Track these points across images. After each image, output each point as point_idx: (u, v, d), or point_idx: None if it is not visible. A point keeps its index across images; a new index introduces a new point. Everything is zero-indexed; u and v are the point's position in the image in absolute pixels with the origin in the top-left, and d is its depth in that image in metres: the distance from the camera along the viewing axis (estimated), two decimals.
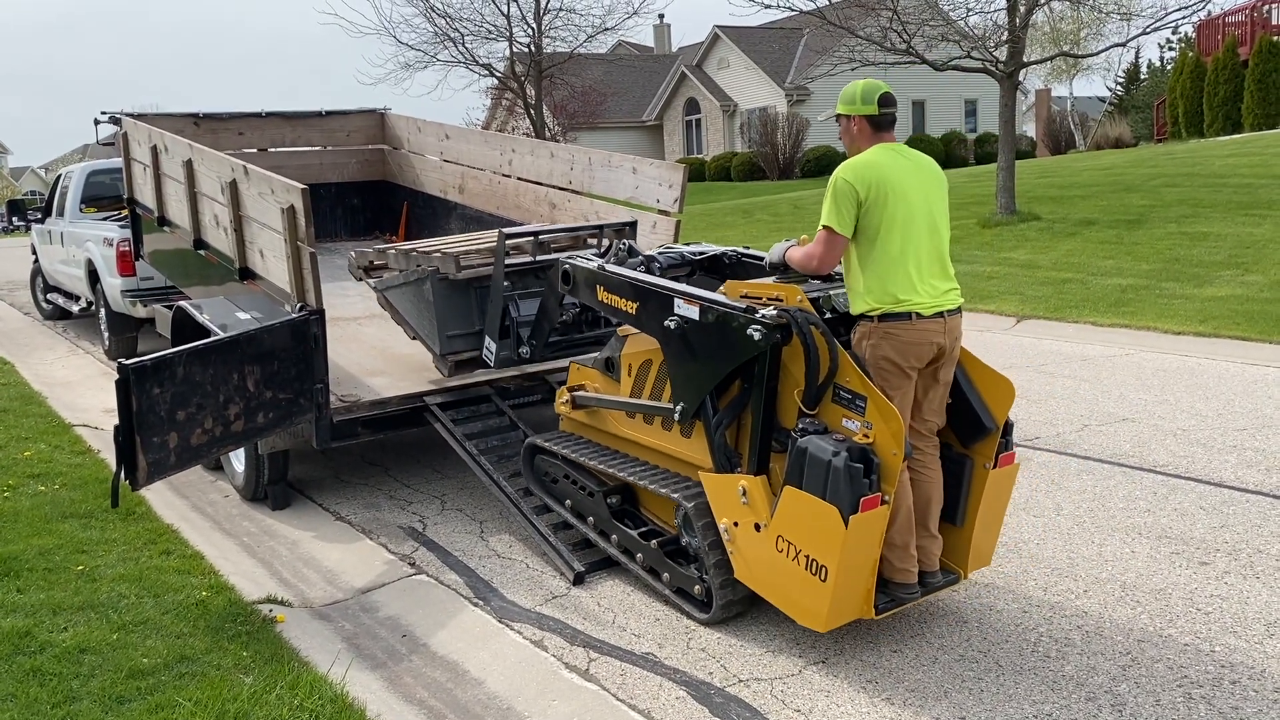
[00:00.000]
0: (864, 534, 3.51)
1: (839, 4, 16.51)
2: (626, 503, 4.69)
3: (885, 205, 3.75)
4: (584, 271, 4.77)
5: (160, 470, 4.46)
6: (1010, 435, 3.98)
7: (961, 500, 4.02)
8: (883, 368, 3.77)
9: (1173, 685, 3.55)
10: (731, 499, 3.85)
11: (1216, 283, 10.78)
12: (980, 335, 10.05)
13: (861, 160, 3.83)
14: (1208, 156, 18.20)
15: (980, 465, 3.98)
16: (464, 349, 5.61)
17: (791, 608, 3.76)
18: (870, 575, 3.67)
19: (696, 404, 4.00)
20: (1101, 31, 32.23)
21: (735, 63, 38.68)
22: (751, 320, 3.72)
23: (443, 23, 24.71)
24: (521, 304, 5.43)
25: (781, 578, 3.72)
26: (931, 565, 3.96)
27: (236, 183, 6.03)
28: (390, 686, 3.87)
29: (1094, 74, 48.27)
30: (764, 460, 3.83)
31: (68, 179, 11.93)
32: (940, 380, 3.91)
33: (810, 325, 3.65)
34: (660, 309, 4.16)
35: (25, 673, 3.76)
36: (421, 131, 9.63)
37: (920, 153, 3.99)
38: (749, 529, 3.80)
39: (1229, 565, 4.47)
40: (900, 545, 3.80)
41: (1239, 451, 5.98)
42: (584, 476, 4.83)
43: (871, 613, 3.74)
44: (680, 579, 4.26)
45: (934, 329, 3.78)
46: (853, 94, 3.92)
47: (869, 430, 3.55)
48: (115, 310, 10.16)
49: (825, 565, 3.53)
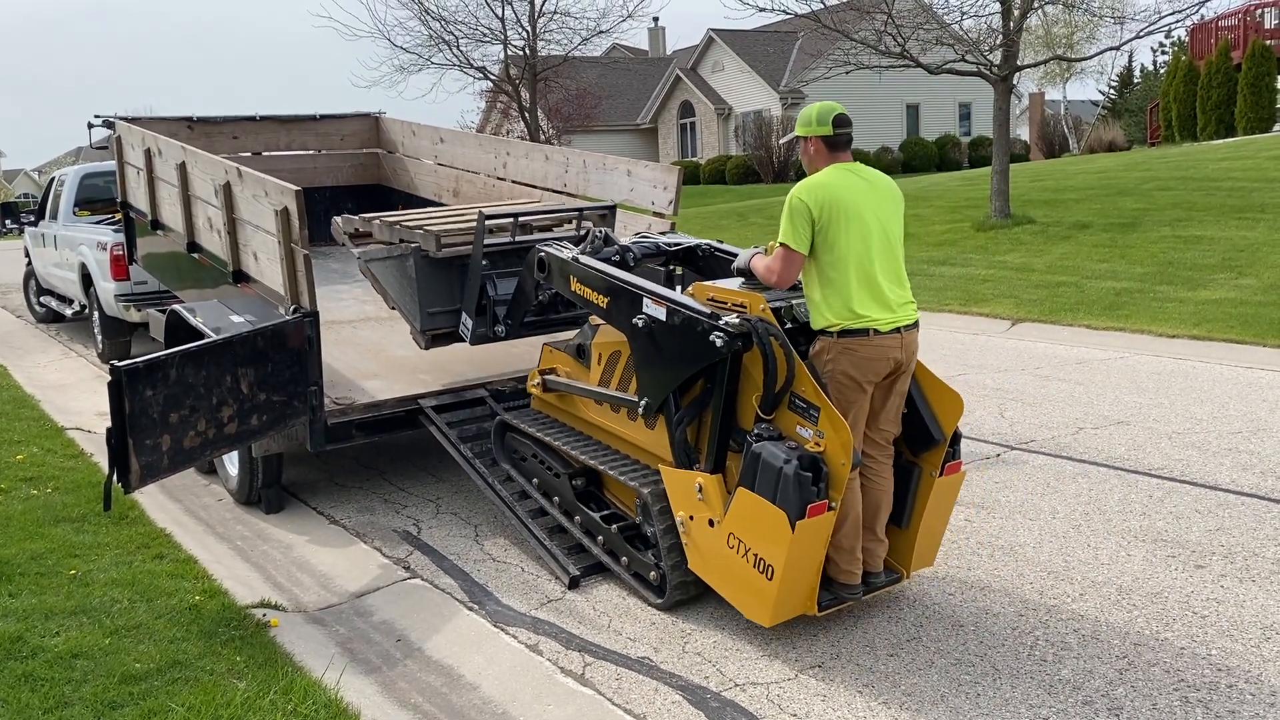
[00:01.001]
0: (810, 538, 3.66)
1: (834, 7, 16.54)
2: (591, 485, 4.81)
3: (840, 223, 3.86)
4: (558, 261, 4.86)
5: (153, 473, 4.43)
6: (958, 446, 4.13)
7: (908, 504, 4.17)
8: (840, 381, 3.88)
9: (1169, 689, 3.54)
10: (688, 494, 4.01)
11: (1210, 286, 10.80)
12: (975, 338, 10.06)
13: (816, 180, 3.94)
14: (1201, 160, 18.25)
15: (928, 473, 4.12)
16: (443, 325, 5.70)
17: (739, 601, 3.93)
18: (815, 575, 3.83)
19: (660, 401, 4.15)
20: (1095, 35, 32.33)
21: (730, 66, 38.72)
22: (715, 327, 3.84)
23: (437, 26, 24.69)
24: (499, 283, 5.52)
25: (731, 572, 3.89)
26: (876, 566, 4.10)
27: (230, 185, 6.01)
28: (385, 691, 3.85)
29: (1087, 78, 48.35)
30: (721, 459, 3.97)
31: (61, 182, 11.90)
32: (896, 392, 4.04)
33: (770, 336, 3.78)
34: (630, 306, 4.28)
35: (17, 678, 3.74)
36: (416, 135, 9.61)
37: (877, 171, 4.10)
38: (703, 524, 3.96)
39: (1225, 569, 4.47)
40: (847, 548, 3.94)
41: (1234, 455, 5.99)
42: (551, 457, 4.95)
43: (815, 609, 3.91)
44: (638, 564, 4.41)
45: (891, 345, 3.91)
46: (809, 116, 4.04)
47: (820, 439, 3.69)
48: (108, 314, 10.13)
49: (772, 565, 3.70)
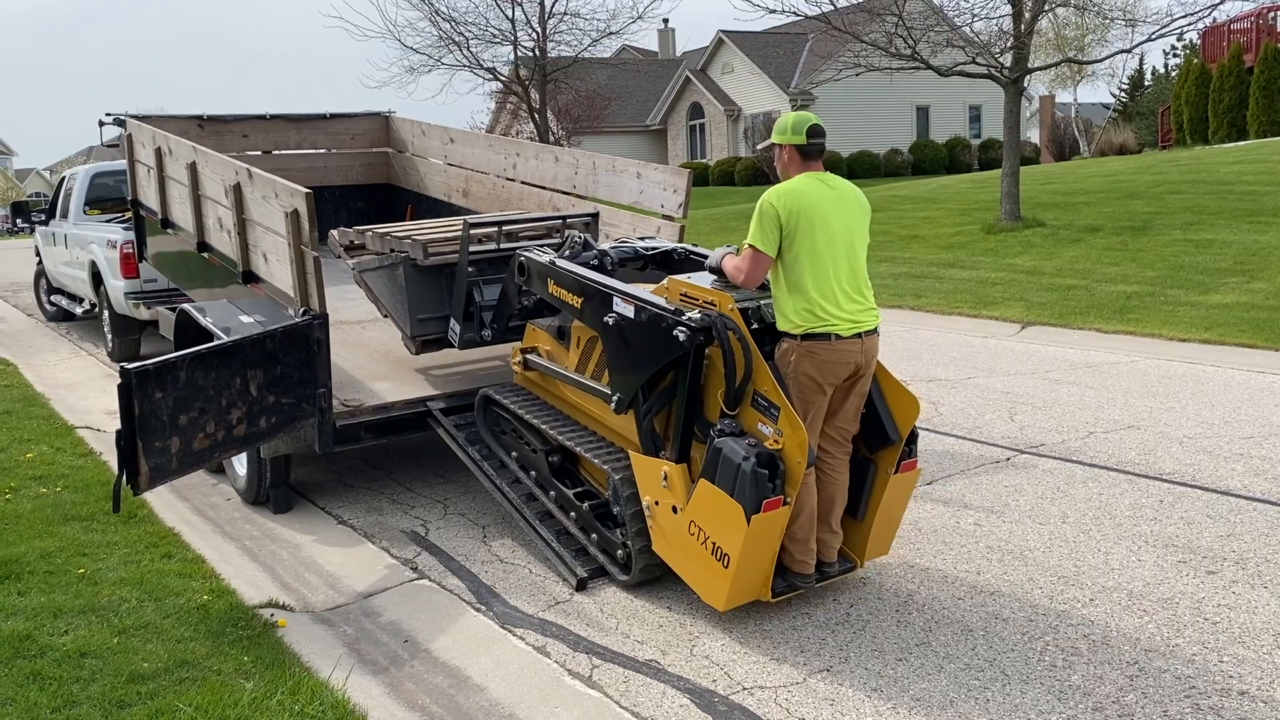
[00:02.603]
0: (765, 531, 3.85)
1: (844, 9, 16.51)
2: (567, 462, 4.96)
3: (806, 230, 4.01)
4: (537, 265, 5.06)
5: (162, 475, 4.44)
6: (914, 445, 4.30)
7: (864, 498, 4.36)
8: (802, 382, 4.03)
9: (1180, 696, 3.52)
10: (654, 480, 4.18)
11: (1222, 290, 10.75)
12: (984, 341, 10.03)
13: (786, 187, 4.08)
14: (1213, 163, 18.18)
15: (884, 470, 4.30)
16: (432, 331, 5.87)
17: (697, 585, 4.12)
18: (769, 564, 4.03)
19: (631, 395, 4.31)
20: (1106, 38, 32.23)
21: (739, 67, 38.69)
22: (678, 322, 4.00)
23: (448, 26, 24.72)
24: (485, 289, 5.69)
25: (691, 558, 4.07)
26: (829, 557, 4.29)
27: (240, 186, 6.02)
28: (392, 692, 3.85)
29: (1098, 80, 48.26)
30: (685, 450, 4.13)
31: (72, 181, 11.94)
32: (856, 393, 4.19)
33: (729, 331, 3.93)
34: (601, 306, 4.47)
35: (25, 676, 3.74)
36: (426, 135, 9.62)
37: (846, 181, 4.25)
38: (667, 509, 4.13)
39: (1236, 574, 4.44)
40: (802, 540, 4.12)
41: (1246, 460, 5.95)
42: (530, 433, 5.11)
43: (769, 596, 4.10)
44: (606, 541, 4.59)
45: (852, 349, 4.06)
46: (784, 125, 4.19)
47: (779, 438, 3.84)
48: (118, 312, 10.16)
49: (729, 554, 3.87)
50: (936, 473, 5.99)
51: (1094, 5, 17.37)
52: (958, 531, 5.07)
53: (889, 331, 10.61)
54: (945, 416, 7.22)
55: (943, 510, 5.37)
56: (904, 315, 11.68)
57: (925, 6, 17.31)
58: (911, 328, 10.84)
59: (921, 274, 13.78)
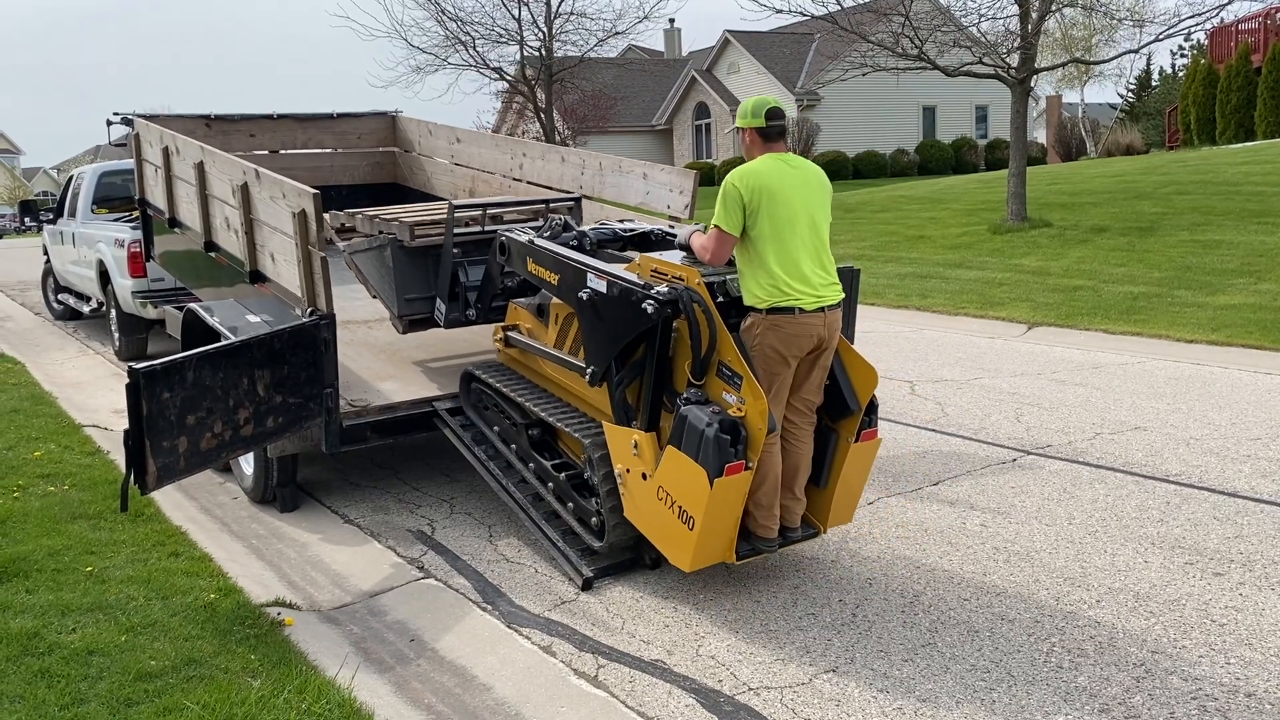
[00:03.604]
0: (727, 494, 4.00)
1: (851, 9, 16.50)
2: (546, 435, 5.12)
3: (767, 208, 4.18)
4: (517, 245, 5.23)
5: (169, 475, 4.45)
6: (874, 415, 4.49)
7: (826, 466, 4.55)
8: (767, 355, 4.20)
9: (1187, 698, 3.52)
10: (625, 448, 4.35)
11: (1229, 291, 10.73)
12: (991, 342, 10.02)
13: (748, 168, 4.27)
14: (1220, 164, 18.13)
15: (845, 439, 4.49)
16: (419, 311, 6.02)
17: (665, 548, 4.28)
18: (732, 528, 4.19)
19: (605, 367, 4.46)
20: (1114, 38, 32.15)
21: (746, 67, 38.69)
22: (647, 296, 4.14)
23: (454, 26, 24.75)
24: (470, 270, 5.82)
25: (660, 522, 4.24)
26: (793, 522, 4.47)
27: (248, 186, 6.03)
28: (398, 691, 3.85)
29: (1106, 80, 48.13)
30: (655, 419, 4.31)
31: (79, 180, 11.96)
32: (819, 365, 4.37)
33: (694, 304, 4.08)
34: (576, 282, 4.62)
35: (33, 674, 3.76)
36: (433, 134, 9.63)
37: (808, 162, 4.42)
38: (638, 477, 4.30)
39: (1243, 576, 4.43)
40: (765, 505, 4.28)
41: (1253, 461, 5.94)
42: (510, 408, 5.29)
43: (733, 558, 4.27)
44: (581, 510, 4.76)
45: (814, 322, 4.22)
46: (745, 110, 4.38)
47: (742, 406, 4.02)
48: (126, 311, 10.18)
49: (693, 516, 4.04)
50: (943, 473, 5.99)
51: (1101, 5, 17.33)
52: (964, 532, 5.07)
53: (895, 332, 10.66)
54: (951, 417, 7.21)
55: (949, 511, 5.37)
56: (910, 316, 11.67)
57: (932, 6, 17.27)
58: (918, 328, 10.83)
59: (928, 274, 13.77)
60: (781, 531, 4.40)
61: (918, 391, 8.05)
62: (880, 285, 13.38)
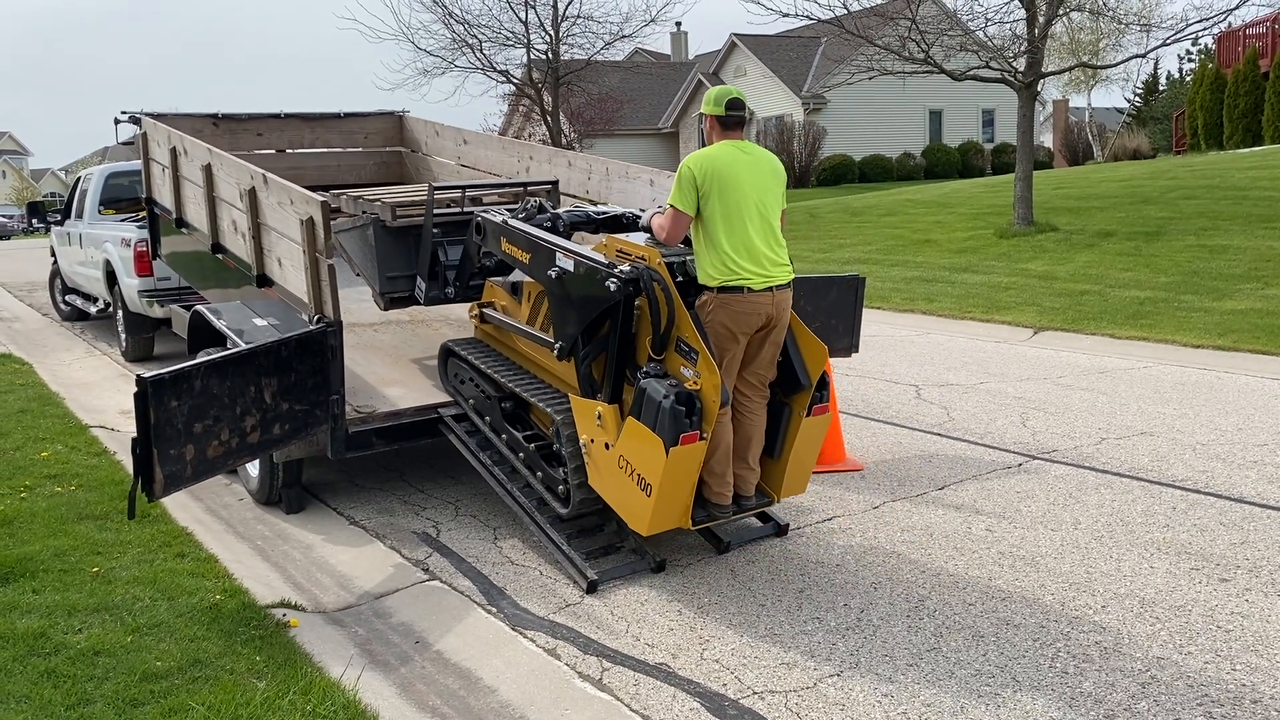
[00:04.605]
0: (683, 462, 4.21)
1: (857, 13, 16.50)
2: (518, 408, 5.33)
3: (719, 190, 4.42)
4: (492, 225, 5.46)
5: (176, 482, 4.46)
6: (825, 390, 4.71)
7: (779, 438, 4.75)
8: (718, 331, 4.42)
9: (1193, 704, 3.51)
10: (590, 420, 4.54)
11: (1236, 296, 10.71)
12: (997, 346, 10.01)
13: (704, 152, 4.54)
14: (1227, 169, 18.09)
15: (797, 413, 4.70)
16: (400, 289, 6.21)
17: (624, 513, 4.48)
18: (688, 494, 4.39)
19: (571, 342, 4.67)
20: (1121, 43, 32.12)
21: (752, 71, 38.69)
22: (610, 274, 4.36)
23: (461, 29, 24.83)
24: (450, 249, 6.04)
25: (620, 489, 4.43)
26: (747, 491, 4.70)
27: (255, 190, 6.04)
28: (403, 693, 3.86)
29: (1112, 85, 48.11)
30: (618, 392, 4.52)
31: (87, 181, 12.00)
32: (771, 342, 4.57)
33: (653, 282, 4.32)
34: (546, 261, 4.83)
35: (40, 674, 3.77)
36: (439, 135, 9.63)
37: (762, 149, 4.68)
38: (601, 446, 4.49)
39: (1250, 582, 4.42)
40: (719, 474, 4.51)
41: (1259, 467, 5.93)
42: (485, 382, 5.50)
43: (689, 524, 4.49)
44: (549, 478, 4.95)
45: (763, 301, 4.44)
46: (709, 98, 4.66)
47: (697, 379, 4.23)
48: (132, 311, 10.20)
49: (651, 483, 4.24)
50: (948, 478, 5.98)
51: (1109, 10, 17.31)
52: (969, 537, 5.06)
53: (901, 336, 10.65)
54: (957, 421, 7.20)
55: (954, 516, 5.36)
56: (916, 319, 11.67)
57: (939, 10, 17.28)
58: (924, 332, 10.82)
59: (934, 278, 13.75)
60: (736, 500, 4.64)
61: (923, 396, 8.05)
62: (886, 289, 13.38)
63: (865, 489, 5.85)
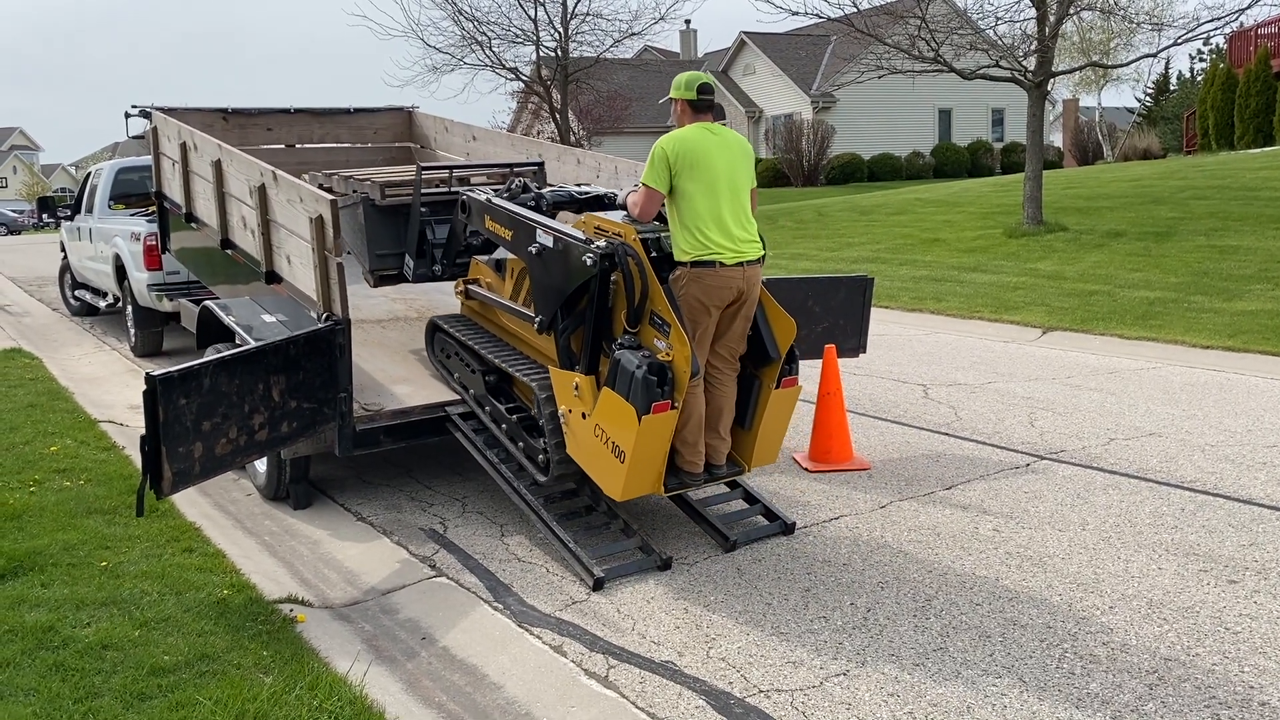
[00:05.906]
0: (654, 430, 4.38)
1: (867, 11, 16.46)
2: (502, 381, 5.50)
3: (690, 169, 4.60)
4: (476, 203, 5.61)
5: (185, 480, 4.47)
6: (793, 364, 4.90)
7: (750, 410, 4.94)
8: (691, 304, 4.60)
9: (1200, 706, 3.50)
10: (568, 390, 4.71)
11: (1246, 297, 10.67)
12: (1005, 346, 9.98)
13: (676, 134, 4.73)
14: (1238, 169, 18.02)
15: (767, 385, 4.88)
16: (389, 266, 6.38)
17: (600, 480, 4.65)
18: (660, 462, 4.56)
19: (551, 316, 4.83)
20: (1132, 42, 31.92)
21: (761, 69, 38.65)
22: (586, 250, 4.51)
23: (470, 26, 24.80)
24: (437, 228, 6.20)
25: (596, 456, 4.60)
26: (718, 460, 4.89)
27: (265, 188, 6.05)
28: (409, 689, 3.87)
29: (1123, 84, 47.92)
30: (594, 363, 4.65)
31: (97, 176, 12.03)
32: (742, 316, 4.75)
33: (628, 257, 4.47)
34: (527, 237, 5.00)
35: (48, 668, 3.78)
36: (449, 131, 9.64)
37: (732, 130, 4.87)
38: (579, 416, 4.66)
39: (1258, 584, 4.41)
40: (690, 442, 4.69)
41: (1269, 468, 5.90)
42: (469, 356, 5.68)
43: (661, 491, 4.67)
44: (530, 448, 5.10)
45: (734, 276, 4.62)
46: (679, 82, 4.85)
47: (670, 351, 4.39)
48: (141, 305, 10.23)
49: (624, 450, 4.41)
50: (956, 478, 5.97)
51: (1119, 9, 17.25)
52: (976, 537, 5.05)
53: (909, 335, 10.64)
54: (965, 421, 7.19)
55: (962, 515, 5.35)
56: (924, 319, 11.65)
57: (949, 9, 17.22)
58: (932, 331, 10.80)
59: (942, 277, 13.73)
60: (707, 468, 4.83)
61: (931, 395, 8.03)
62: (895, 288, 13.35)
63: (872, 488, 5.85)
